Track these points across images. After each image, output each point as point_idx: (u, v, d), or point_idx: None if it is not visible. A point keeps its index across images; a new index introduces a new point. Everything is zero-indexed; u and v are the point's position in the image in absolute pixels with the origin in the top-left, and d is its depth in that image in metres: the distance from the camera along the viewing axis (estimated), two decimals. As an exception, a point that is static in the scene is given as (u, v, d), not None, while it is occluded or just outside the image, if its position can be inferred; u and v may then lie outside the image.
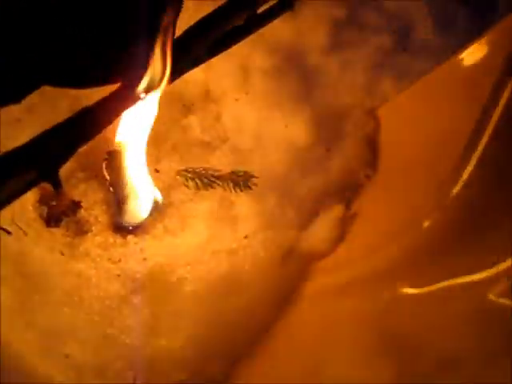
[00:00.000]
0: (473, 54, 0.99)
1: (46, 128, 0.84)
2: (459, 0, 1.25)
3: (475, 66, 0.96)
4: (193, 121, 1.26)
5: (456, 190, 0.81)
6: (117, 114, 0.95)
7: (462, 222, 0.81)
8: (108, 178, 1.16)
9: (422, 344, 0.75)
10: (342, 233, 1.11)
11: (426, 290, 0.81)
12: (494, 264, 0.71)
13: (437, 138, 1.00)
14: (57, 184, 0.87)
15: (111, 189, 1.16)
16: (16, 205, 1.05)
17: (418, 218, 0.88)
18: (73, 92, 1.12)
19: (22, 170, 0.80)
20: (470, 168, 0.80)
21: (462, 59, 1.02)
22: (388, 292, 0.89)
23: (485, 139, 0.79)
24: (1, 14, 0.77)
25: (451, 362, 0.72)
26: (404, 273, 0.87)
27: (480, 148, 0.79)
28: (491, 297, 0.71)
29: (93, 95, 0.91)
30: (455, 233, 0.82)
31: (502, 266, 0.71)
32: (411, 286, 0.84)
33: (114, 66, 0.88)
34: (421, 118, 1.09)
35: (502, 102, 0.78)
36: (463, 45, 1.04)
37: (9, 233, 1.02)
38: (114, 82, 0.92)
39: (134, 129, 1.11)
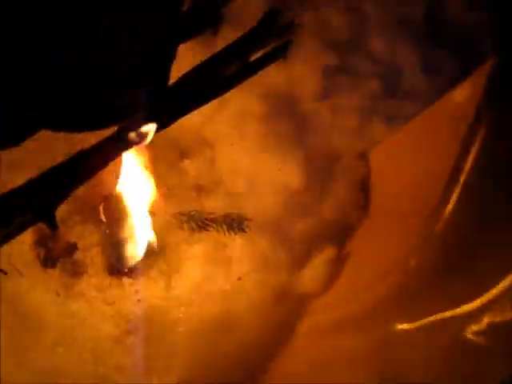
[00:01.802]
0: (455, 98, 1.03)
1: (42, 170, 0.87)
2: (444, 46, 1.28)
3: (457, 109, 0.99)
4: (188, 165, 1.29)
5: (439, 226, 0.83)
6: (112, 157, 0.98)
7: (446, 258, 0.83)
8: (104, 220, 1.18)
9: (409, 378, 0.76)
10: (334, 273, 1.13)
11: (414, 325, 0.82)
12: (473, 299, 0.73)
13: (423, 177, 1.03)
14: (53, 225, 0.89)
15: (107, 231, 1.18)
16: (13, 245, 1.08)
17: (406, 257, 0.90)
18: (69, 135, 1.15)
19: (19, 211, 0.82)
20: (450, 206, 0.82)
21: (446, 103, 1.06)
22: (380, 328, 0.90)
23: (463, 176, 0.81)
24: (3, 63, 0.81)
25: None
26: (394, 309, 0.89)
27: (459, 185, 0.82)
28: (468, 335, 0.72)
29: (89, 138, 0.94)
30: (440, 269, 0.84)
31: (482, 300, 0.72)
32: (401, 322, 0.85)
33: (109, 112, 0.90)
34: (409, 160, 1.11)
35: (479, 140, 0.80)
36: (448, 89, 1.08)
37: (5, 273, 1.04)
38: (110, 126, 0.96)
39: (130, 173, 1.14)
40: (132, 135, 0.98)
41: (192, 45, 1.23)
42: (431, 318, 0.79)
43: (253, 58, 1.21)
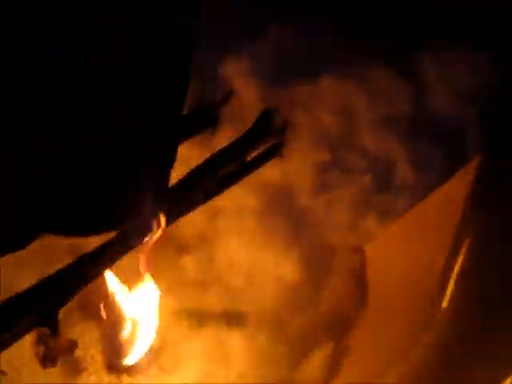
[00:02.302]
0: (444, 195, 1.07)
1: (46, 269, 0.90)
2: (434, 141, 1.33)
3: (447, 205, 1.03)
4: (187, 261, 1.32)
5: (438, 317, 0.85)
6: (113, 261, 1.00)
7: (452, 338, 0.84)
8: (105, 317, 1.19)
9: None
10: (334, 367, 1.13)
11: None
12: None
13: (417, 269, 1.06)
14: (55, 328, 0.91)
15: (107, 329, 1.19)
16: (13, 345, 1.09)
17: (409, 346, 0.91)
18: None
19: (24, 315, 0.84)
20: (451, 287, 0.84)
21: (436, 199, 1.10)
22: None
23: (460, 258, 0.84)
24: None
25: None
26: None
27: (457, 267, 0.84)
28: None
29: (91, 239, 0.98)
30: (449, 350, 0.85)
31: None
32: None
33: (111, 218, 0.93)
34: (403, 252, 1.14)
35: (472, 229, 0.83)
36: (439, 182, 1.13)
37: (5, 374, 1.04)
38: (110, 231, 0.99)
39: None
40: (133, 238, 1.01)
41: (191, 144, 1.28)
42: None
43: (250, 156, 1.26)
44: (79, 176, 0.85)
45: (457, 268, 0.88)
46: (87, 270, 0.94)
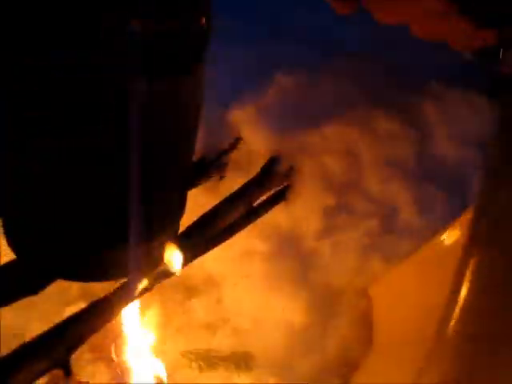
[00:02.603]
0: (449, 235, 1.10)
1: (57, 309, 0.92)
2: (437, 185, 1.36)
3: (452, 244, 1.06)
4: (195, 304, 1.35)
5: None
6: (124, 305, 1.03)
7: None
8: (116, 359, 1.21)
9: None
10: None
11: None
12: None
13: (422, 309, 1.08)
14: (68, 371, 0.93)
15: (118, 371, 1.21)
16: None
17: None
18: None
19: (38, 360, 0.87)
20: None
21: (442, 240, 1.13)
22: None
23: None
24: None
25: None
26: None
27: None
28: None
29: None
30: None
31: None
32: None
33: (122, 265, 0.96)
34: (407, 293, 1.16)
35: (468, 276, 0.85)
36: (443, 224, 1.15)
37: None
38: (122, 277, 1.01)
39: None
40: (141, 285, 1.04)
41: (198, 191, 1.32)
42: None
43: (256, 202, 1.30)
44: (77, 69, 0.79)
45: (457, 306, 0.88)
46: (99, 314, 0.97)
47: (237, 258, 1.36)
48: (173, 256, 1.05)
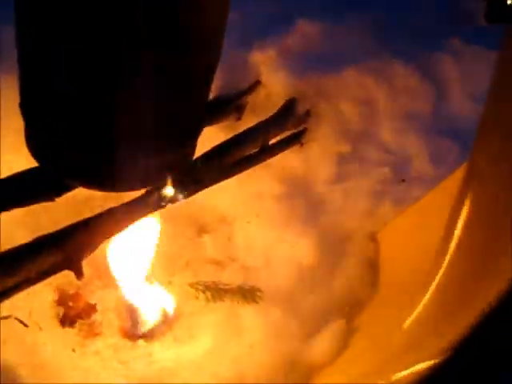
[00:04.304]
0: (455, 181, 1.11)
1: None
2: (452, 138, 1.37)
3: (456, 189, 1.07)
4: (206, 240, 1.36)
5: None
6: (139, 216, 1.05)
7: None
8: (124, 286, 1.24)
9: None
10: (342, 346, 1.16)
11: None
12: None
13: (428, 254, 1.09)
14: (79, 272, 0.95)
15: (125, 297, 1.23)
16: (35, 302, 1.14)
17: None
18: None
19: (50, 251, 0.89)
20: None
21: (447, 187, 1.14)
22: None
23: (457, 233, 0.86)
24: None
25: None
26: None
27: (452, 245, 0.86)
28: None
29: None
30: None
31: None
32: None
33: (143, 174, 0.97)
34: (414, 238, 1.17)
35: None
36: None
37: (26, 325, 1.08)
38: (142, 188, 1.03)
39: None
40: (158, 199, 1.06)
41: (216, 129, 1.34)
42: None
43: (272, 141, 1.31)
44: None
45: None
46: (112, 222, 0.99)
47: (249, 199, 1.38)
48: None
